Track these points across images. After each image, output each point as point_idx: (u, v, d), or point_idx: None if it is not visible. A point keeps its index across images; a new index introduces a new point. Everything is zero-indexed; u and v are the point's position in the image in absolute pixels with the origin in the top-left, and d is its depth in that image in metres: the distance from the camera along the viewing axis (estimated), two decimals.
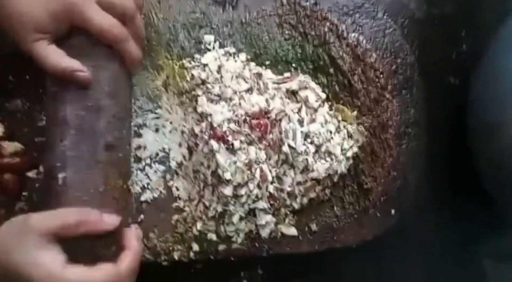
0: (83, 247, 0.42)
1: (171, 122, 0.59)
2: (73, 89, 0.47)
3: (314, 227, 0.59)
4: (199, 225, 0.56)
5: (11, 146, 0.57)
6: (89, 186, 0.45)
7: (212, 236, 0.57)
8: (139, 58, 0.51)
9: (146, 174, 0.58)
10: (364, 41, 0.62)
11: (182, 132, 0.59)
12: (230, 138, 0.52)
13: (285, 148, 0.53)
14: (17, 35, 0.45)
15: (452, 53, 0.68)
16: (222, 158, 0.52)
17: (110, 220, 0.43)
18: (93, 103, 0.47)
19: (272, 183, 0.54)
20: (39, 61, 0.45)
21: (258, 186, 0.53)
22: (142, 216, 0.57)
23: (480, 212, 0.62)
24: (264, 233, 0.56)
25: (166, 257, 0.57)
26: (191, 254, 0.57)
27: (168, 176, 0.58)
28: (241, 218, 0.55)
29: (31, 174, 0.58)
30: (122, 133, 0.50)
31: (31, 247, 0.38)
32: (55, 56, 0.45)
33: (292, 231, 0.58)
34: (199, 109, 0.55)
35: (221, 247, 0.57)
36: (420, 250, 0.62)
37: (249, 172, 0.52)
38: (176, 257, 0.57)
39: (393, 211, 0.60)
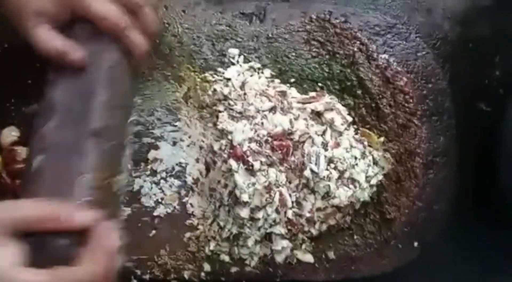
0: (44, 244, 0.36)
1: (189, 137, 0.57)
2: (67, 74, 0.45)
3: (331, 255, 0.56)
4: (212, 245, 0.54)
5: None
6: (66, 174, 0.40)
7: (225, 258, 0.54)
8: (143, 50, 0.49)
9: (161, 188, 0.56)
10: (394, 64, 0.59)
11: (201, 147, 0.57)
12: (250, 158, 0.50)
13: (307, 172, 0.51)
14: (17, 21, 0.45)
15: (485, 78, 0.65)
16: (241, 178, 0.50)
17: (80, 218, 0.37)
18: (85, 88, 0.45)
19: (291, 207, 0.51)
20: (36, 46, 0.44)
21: (277, 211, 0.50)
22: (153, 231, 0.55)
23: (509, 247, 0.59)
24: (279, 258, 0.54)
25: (176, 276, 0.55)
26: (202, 274, 0.55)
27: (183, 192, 0.57)
28: (256, 242, 0.53)
29: None
30: (113, 122, 0.46)
31: None
32: (49, 38, 0.44)
33: (308, 258, 0.55)
34: (220, 126, 0.53)
35: (234, 269, 0.55)
36: None
37: (268, 195, 0.50)
38: (186, 277, 0.55)
39: (416, 243, 0.57)
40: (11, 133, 0.57)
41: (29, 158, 0.43)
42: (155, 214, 0.56)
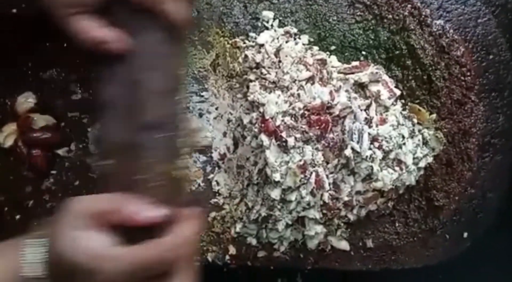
0: (128, 234, 0.37)
1: (216, 108, 0.53)
2: (110, 63, 0.41)
3: (369, 243, 0.51)
4: (238, 227, 0.50)
5: (42, 119, 0.52)
6: (129, 172, 0.39)
7: (252, 241, 0.50)
8: (185, 19, 0.44)
9: None
10: (451, 31, 0.52)
11: (229, 120, 0.52)
12: (284, 134, 0.45)
13: (348, 152, 0.45)
14: (52, 11, 0.41)
15: None
16: (273, 155, 0.45)
17: (153, 213, 0.37)
18: (131, 77, 0.41)
19: (327, 190, 0.46)
20: (73, 34, 0.41)
21: (312, 193, 0.45)
22: None
23: None
24: (312, 244, 0.49)
25: (199, 258, 0.51)
26: (227, 257, 0.51)
27: (208, 168, 0.53)
28: (287, 225, 0.48)
29: (61, 151, 0.53)
30: (166, 110, 0.43)
31: (73, 229, 0.36)
32: (89, 28, 0.40)
33: (344, 245, 0.51)
34: (250, 97, 0.48)
35: (261, 254, 0.51)
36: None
37: (302, 176, 0.45)
38: (210, 259, 0.52)
39: (465, 234, 0.51)
40: (27, 100, 0.53)
41: (93, 161, 0.43)
42: None
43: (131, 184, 0.39)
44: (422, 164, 0.49)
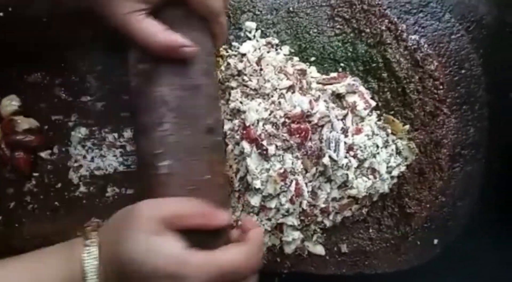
0: (195, 237, 0.38)
1: None
2: (167, 67, 0.41)
3: (344, 248, 0.53)
4: None
5: (25, 122, 0.53)
6: (194, 174, 0.40)
7: None
8: (226, 35, 0.46)
9: None
10: (425, 45, 0.55)
11: None
12: (265, 142, 0.46)
13: (325, 160, 0.47)
14: (111, 4, 0.39)
15: None
16: (253, 163, 0.46)
17: (223, 216, 0.39)
18: (191, 82, 0.41)
19: (306, 198, 0.47)
20: (136, 35, 0.40)
21: (291, 200, 0.47)
22: None
23: None
24: (289, 249, 0.50)
25: None
26: None
27: None
28: (265, 232, 0.49)
29: (44, 154, 0.54)
30: (218, 114, 0.45)
31: (147, 234, 0.35)
32: (156, 30, 0.39)
33: (319, 250, 0.52)
34: (232, 105, 0.49)
35: None
36: None
37: (282, 183, 0.46)
38: None
39: (436, 241, 0.53)
40: (11, 103, 0.53)
41: (151, 161, 0.40)
42: None
43: (196, 184, 0.40)
44: (395, 173, 0.51)
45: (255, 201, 0.47)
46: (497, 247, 0.55)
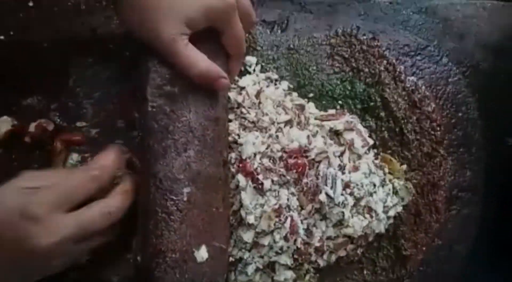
0: None
1: None
2: (195, 94, 0.42)
3: None
4: None
5: None
6: (209, 204, 0.41)
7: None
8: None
9: None
10: (423, 87, 0.55)
11: None
12: (260, 176, 0.45)
13: (322, 197, 0.46)
14: (159, 24, 0.40)
15: None
16: (248, 197, 0.45)
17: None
18: (214, 113, 0.42)
19: (301, 235, 0.46)
20: (180, 58, 0.40)
21: (285, 238, 0.45)
22: None
23: None
24: None
25: None
26: None
27: None
28: (257, 269, 0.47)
29: None
30: (228, 149, 0.46)
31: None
32: (200, 58, 0.41)
33: None
34: (229, 137, 0.49)
35: None
36: None
37: (277, 219, 0.45)
38: None
39: None
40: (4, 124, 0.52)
41: (172, 186, 0.40)
42: None
43: (210, 216, 0.41)
44: (391, 213, 0.50)
45: (247, 236, 0.45)
46: None
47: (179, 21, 0.40)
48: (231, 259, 0.48)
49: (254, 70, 0.55)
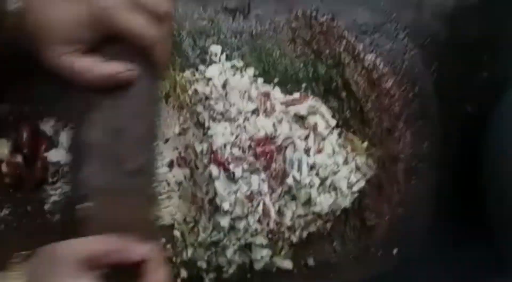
0: (114, 276, 0.39)
1: (167, 140, 0.55)
2: (95, 110, 0.42)
3: (311, 261, 0.55)
4: (190, 251, 0.53)
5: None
6: (114, 217, 0.41)
7: (202, 264, 0.53)
8: (166, 63, 0.47)
9: None
10: (381, 64, 0.58)
11: (186, 147, 0.54)
12: (231, 166, 0.48)
13: (290, 180, 0.49)
14: (43, 49, 0.40)
15: (472, 80, 0.64)
16: (221, 186, 0.48)
17: (140, 250, 0.39)
18: (118, 124, 0.42)
19: (273, 217, 0.50)
20: (72, 76, 0.40)
21: (259, 220, 0.49)
22: None
23: (485, 252, 0.59)
24: (258, 265, 0.53)
25: None
26: (178, 280, 0.54)
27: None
28: (235, 251, 0.51)
29: None
30: (147, 157, 0.44)
31: (62, 276, 0.35)
32: (91, 65, 0.40)
33: (287, 264, 0.54)
34: (196, 131, 0.51)
35: (211, 276, 0.54)
36: None
37: (250, 205, 0.48)
38: None
39: (395, 250, 0.56)
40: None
41: (74, 203, 0.41)
42: None
43: (114, 228, 0.40)
44: (355, 188, 0.54)
45: (224, 221, 0.49)
46: (453, 255, 0.59)
47: (57, 44, 0.39)
48: (210, 240, 0.51)
49: (219, 59, 0.57)
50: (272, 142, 0.50)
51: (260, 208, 0.48)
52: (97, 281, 0.36)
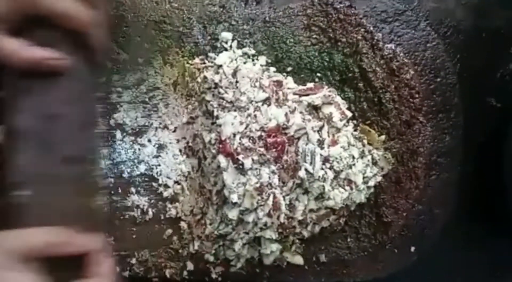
0: (55, 268, 0.38)
1: (175, 128, 0.53)
2: (26, 95, 0.40)
3: (322, 257, 0.53)
4: (196, 244, 0.51)
5: None
6: (52, 205, 0.40)
7: (210, 257, 0.51)
8: (104, 45, 0.44)
9: None
10: (401, 54, 0.55)
11: (195, 137, 0.53)
12: (240, 157, 0.46)
13: (302, 173, 0.47)
14: None
15: (497, 72, 0.60)
16: (230, 177, 0.46)
17: (82, 242, 0.38)
18: (51, 110, 0.41)
19: (284, 211, 0.48)
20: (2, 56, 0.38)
21: (269, 214, 0.47)
22: (135, 227, 0.52)
23: (509, 249, 0.56)
24: (267, 260, 0.51)
25: (157, 274, 0.52)
26: (185, 273, 0.52)
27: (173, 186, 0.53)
28: (243, 245, 0.49)
29: None
30: (85, 143, 0.43)
31: (1, 269, 0.35)
32: (18, 46, 0.38)
33: (298, 260, 0.52)
34: (207, 120, 0.49)
35: (218, 269, 0.52)
36: None
37: (259, 198, 0.46)
38: (168, 275, 0.52)
39: (413, 248, 0.54)
40: None
41: (9, 191, 0.39)
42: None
43: (51, 216, 0.39)
44: (371, 183, 0.51)
45: (232, 214, 0.47)
46: (473, 253, 0.56)
47: None
48: (217, 232, 0.49)
49: (230, 46, 0.55)
50: (283, 133, 0.48)
51: (270, 201, 0.46)
52: (38, 273, 0.35)
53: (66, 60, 0.40)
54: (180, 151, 0.53)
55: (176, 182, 0.52)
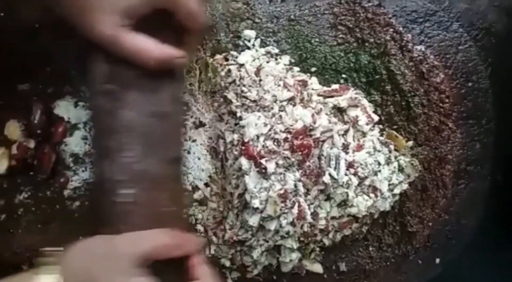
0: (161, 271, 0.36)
1: (197, 127, 0.52)
2: (137, 91, 0.39)
3: (343, 266, 0.51)
4: (213, 248, 0.50)
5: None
6: (158, 204, 0.38)
7: (226, 262, 0.50)
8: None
9: None
10: (431, 57, 0.53)
11: (218, 137, 0.51)
12: (263, 160, 0.44)
13: (326, 178, 0.45)
14: (96, 20, 0.37)
15: None
16: (252, 181, 0.45)
17: (195, 243, 0.38)
18: (160, 109, 0.39)
19: (308, 220, 0.46)
20: (127, 51, 0.37)
21: (292, 223, 0.44)
22: None
23: None
24: (286, 268, 0.49)
25: None
26: None
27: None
28: (262, 252, 0.47)
29: None
30: (183, 143, 0.44)
31: (121, 273, 0.34)
32: (149, 45, 0.37)
33: (317, 268, 0.51)
34: (232, 119, 0.48)
35: (234, 275, 0.51)
36: None
37: (283, 205, 0.44)
38: None
39: (438, 260, 0.52)
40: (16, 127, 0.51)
41: (112, 188, 0.38)
42: None
43: (160, 215, 0.38)
44: (397, 191, 0.49)
45: (253, 220, 0.45)
46: (500, 266, 0.53)
47: (116, 14, 0.36)
48: (236, 238, 0.48)
49: (253, 44, 0.53)
50: (309, 134, 0.46)
51: (296, 210, 0.44)
52: (152, 278, 0.34)
53: (185, 59, 0.39)
54: (207, 150, 0.51)
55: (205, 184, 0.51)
